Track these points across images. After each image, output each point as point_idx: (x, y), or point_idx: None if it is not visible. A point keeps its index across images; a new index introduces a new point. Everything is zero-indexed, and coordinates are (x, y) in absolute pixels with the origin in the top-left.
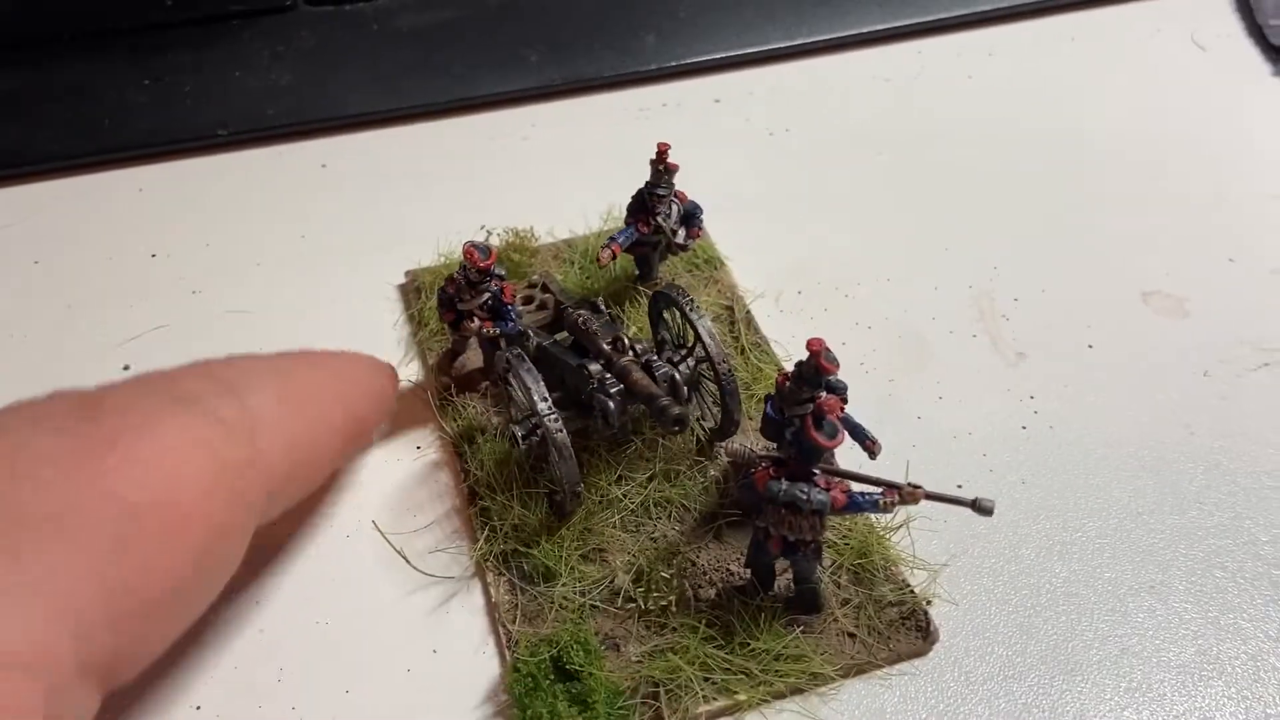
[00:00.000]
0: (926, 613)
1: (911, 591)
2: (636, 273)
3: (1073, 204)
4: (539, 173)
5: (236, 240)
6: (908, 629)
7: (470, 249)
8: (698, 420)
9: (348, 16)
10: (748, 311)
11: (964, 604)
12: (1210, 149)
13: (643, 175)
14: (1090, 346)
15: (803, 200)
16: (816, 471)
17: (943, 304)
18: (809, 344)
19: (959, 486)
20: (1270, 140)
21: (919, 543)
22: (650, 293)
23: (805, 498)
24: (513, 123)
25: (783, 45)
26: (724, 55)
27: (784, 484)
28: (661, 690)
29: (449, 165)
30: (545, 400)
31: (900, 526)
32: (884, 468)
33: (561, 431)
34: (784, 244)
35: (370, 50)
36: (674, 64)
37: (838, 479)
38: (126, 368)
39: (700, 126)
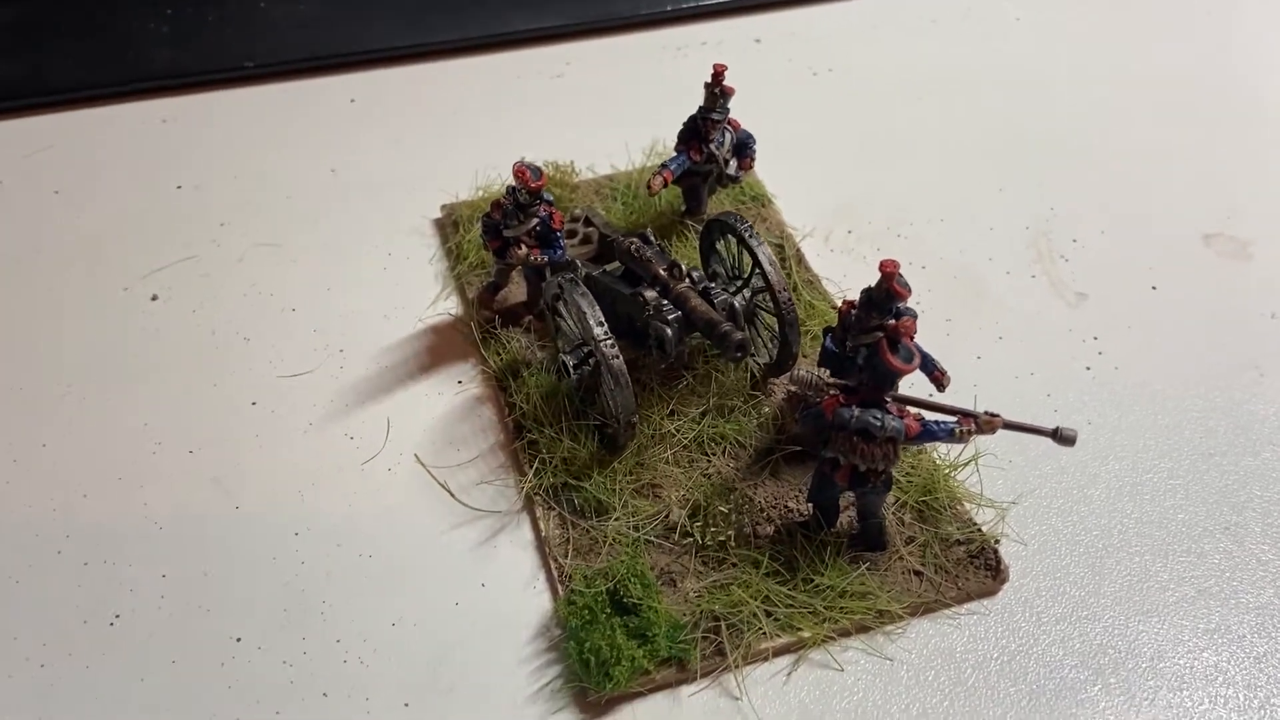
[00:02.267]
0: (996, 551)
1: (979, 530)
2: (684, 206)
3: (1129, 146)
4: (575, 111)
5: (264, 174)
6: (976, 568)
7: (522, 168)
8: (751, 356)
9: None
10: (798, 249)
11: (1033, 544)
12: (1270, 90)
13: (682, 114)
14: (1153, 288)
15: (849, 141)
16: (888, 399)
17: (999, 245)
18: (883, 265)
19: None
20: None
21: (985, 480)
22: (698, 227)
23: (879, 424)
24: (546, 60)
25: None
26: None
27: (855, 410)
28: (723, 624)
29: (481, 102)
30: (602, 325)
31: (968, 463)
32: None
33: (618, 358)
34: (832, 184)
35: None
36: (713, 2)
37: (911, 407)
38: (154, 298)
39: (741, 66)
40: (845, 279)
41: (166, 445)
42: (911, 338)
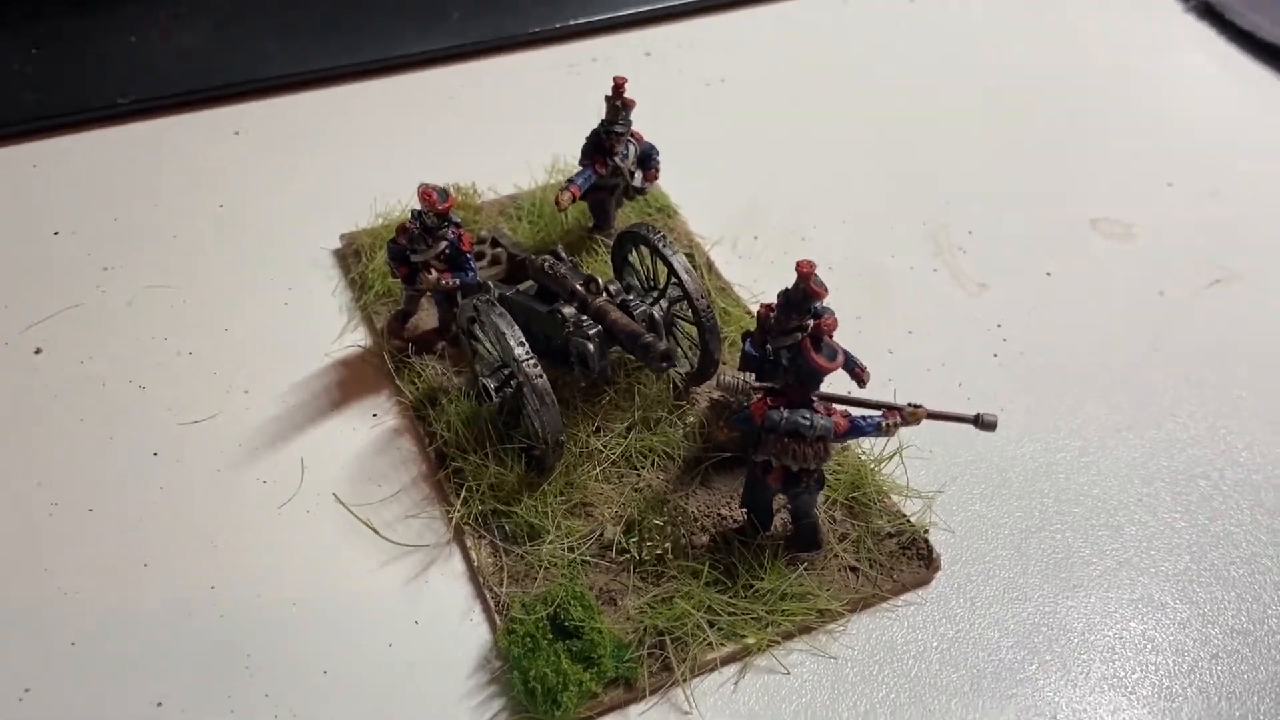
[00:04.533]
0: (927, 540)
1: (908, 521)
2: (591, 222)
3: (1013, 139)
4: (472, 132)
5: (147, 213)
6: (909, 558)
7: (427, 190)
8: (674, 365)
9: None
10: (708, 258)
11: (960, 531)
12: (1134, 82)
13: (581, 130)
14: (1048, 274)
15: (748, 148)
16: (814, 398)
17: (899, 241)
18: (799, 266)
19: None
20: (1185, 72)
21: (909, 472)
22: (608, 241)
23: (809, 424)
24: (438, 82)
25: None
26: (650, 9)
27: (785, 412)
28: (668, 639)
29: (375, 127)
30: (523, 345)
31: (893, 456)
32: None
33: (541, 377)
34: (734, 191)
35: (281, 9)
36: (600, 18)
37: (837, 405)
38: (38, 351)
39: (633, 81)
40: (756, 283)
41: (64, 505)
42: (832, 334)
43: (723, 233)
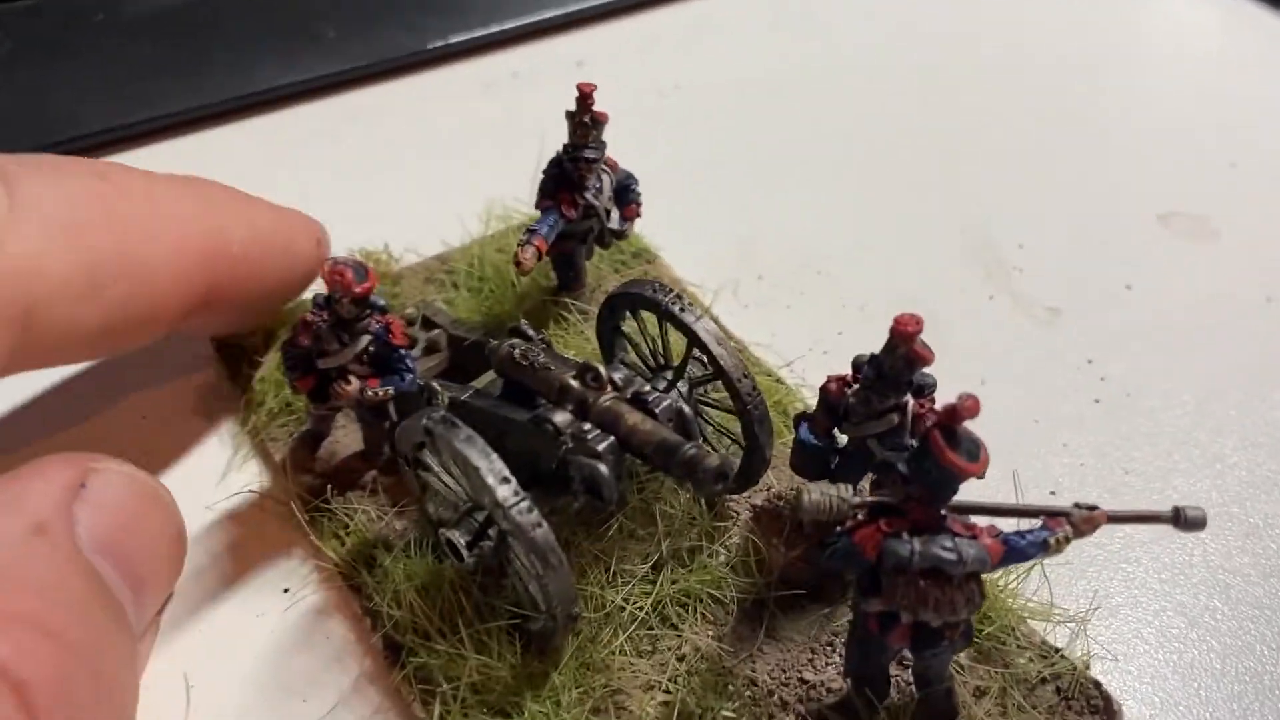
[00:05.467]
0: (1097, 683)
1: (1061, 656)
2: (555, 280)
3: (1048, 129)
4: (375, 177)
5: None
6: (1075, 712)
7: (340, 269)
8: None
9: (55, 8)
10: (709, 311)
11: (1125, 657)
12: (1174, 65)
13: (511, 162)
14: (1128, 288)
15: (727, 168)
16: (944, 513)
17: (938, 267)
18: (900, 322)
19: (1051, 493)
20: (1226, 51)
21: (1045, 586)
22: (581, 306)
23: (954, 557)
24: (319, 119)
25: None
26: (579, 8)
27: (914, 542)
28: None
29: (240, 183)
30: (507, 482)
31: (1029, 570)
32: (978, 488)
33: (541, 526)
34: (720, 223)
35: (99, 48)
36: (517, 24)
37: (976, 517)
38: None
39: (566, 97)
40: (775, 338)
41: None
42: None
43: (719, 277)
